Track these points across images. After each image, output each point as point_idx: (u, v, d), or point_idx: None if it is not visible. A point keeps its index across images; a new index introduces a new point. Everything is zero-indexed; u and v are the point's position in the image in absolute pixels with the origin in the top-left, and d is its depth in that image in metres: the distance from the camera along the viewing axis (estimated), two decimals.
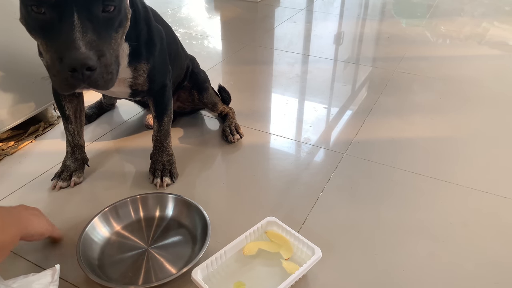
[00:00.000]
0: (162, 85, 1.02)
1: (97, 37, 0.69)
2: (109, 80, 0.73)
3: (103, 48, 0.69)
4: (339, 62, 1.83)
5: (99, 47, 0.69)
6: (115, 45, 0.74)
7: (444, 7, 2.55)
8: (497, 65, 1.78)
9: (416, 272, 0.84)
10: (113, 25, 0.73)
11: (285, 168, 1.15)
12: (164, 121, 1.07)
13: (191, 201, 0.96)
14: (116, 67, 0.75)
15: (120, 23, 0.75)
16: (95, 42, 0.68)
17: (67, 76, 0.68)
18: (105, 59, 0.70)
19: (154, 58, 0.96)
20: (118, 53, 0.76)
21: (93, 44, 0.68)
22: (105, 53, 0.70)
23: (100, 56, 0.69)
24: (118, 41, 0.76)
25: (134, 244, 0.89)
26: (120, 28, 0.75)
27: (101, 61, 0.69)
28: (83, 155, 1.09)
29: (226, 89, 1.40)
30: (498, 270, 0.85)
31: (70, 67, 0.66)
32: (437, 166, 1.15)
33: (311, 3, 2.63)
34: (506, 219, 0.98)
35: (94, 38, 0.68)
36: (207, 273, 0.80)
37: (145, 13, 0.93)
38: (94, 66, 0.67)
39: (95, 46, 0.68)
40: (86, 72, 0.68)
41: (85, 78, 0.68)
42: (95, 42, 0.68)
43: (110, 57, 0.72)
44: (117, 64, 0.76)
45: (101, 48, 0.69)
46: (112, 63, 0.72)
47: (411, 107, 1.45)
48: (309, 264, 0.78)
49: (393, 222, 0.97)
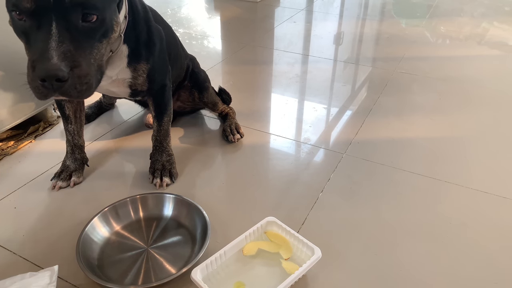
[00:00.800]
0: (161, 85, 1.02)
1: (74, 47, 0.68)
2: (84, 90, 0.71)
3: (78, 59, 0.68)
4: (339, 62, 1.83)
5: (74, 58, 0.68)
6: (97, 55, 0.73)
7: (444, 7, 2.55)
8: (497, 65, 1.78)
9: (416, 272, 0.84)
10: (94, 35, 0.71)
11: (285, 168, 1.14)
12: (163, 121, 1.07)
13: (190, 201, 0.96)
14: (98, 76, 0.74)
15: (105, 33, 0.73)
16: (70, 52, 0.67)
17: (38, 85, 0.68)
18: (79, 70, 0.69)
19: (154, 58, 0.96)
20: (102, 62, 0.76)
21: (67, 54, 0.67)
22: (81, 64, 0.69)
23: (73, 67, 0.68)
24: (102, 51, 0.75)
25: (133, 244, 0.89)
26: (105, 38, 0.74)
27: (74, 72, 0.68)
28: (83, 155, 1.09)
29: (226, 90, 1.40)
30: (498, 270, 0.85)
31: (40, 77, 0.66)
32: (437, 166, 1.15)
33: (311, 3, 2.63)
34: (506, 219, 0.98)
35: (70, 48, 0.67)
36: (206, 273, 0.80)
37: (144, 14, 0.93)
38: (64, 78, 0.67)
39: (69, 56, 0.67)
40: (56, 83, 0.67)
41: (55, 88, 0.68)
42: (70, 52, 0.67)
43: (87, 67, 0.70)
44: (100, 73, 0.75)
45: (76, 59, 0.68)
46: (88, 73, 0.71)
47: (411, 107, 1.45)
48: (308, 264, 0.78)
49: (393, 222, 0.97)
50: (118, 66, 0.91)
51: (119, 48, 0.87)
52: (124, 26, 0.86)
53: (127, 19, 0.87)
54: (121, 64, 0.91)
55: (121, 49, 0.89)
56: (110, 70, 0.91)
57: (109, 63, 0.90)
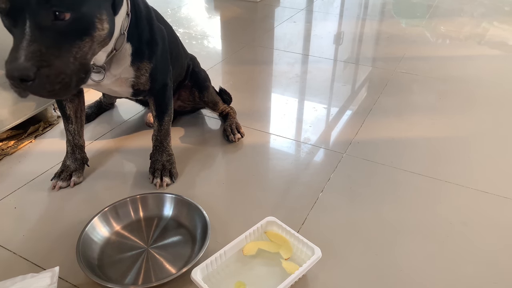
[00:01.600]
0: (163, 84, 1.02)
1: (46, 47, 0.67)
2: (58, 90, 0.70)
3: (49, 58, 0.67)
4: (339, 62, 1.83)
5: (43, 58, 0.67)
6: (78, 53, 0.72)
7: (444, 7, 2.55)
8: (497, 65, 1.78)
9: (416, 272, 0.84)
10: (73, 34, 0.70)
11: (285, 168, 1.14)
12: (164, 120, 1.07)
13: (191, 201, 0.96)
14: (80, 75, 0.73)
15: (85, 31, 0.71)
16: (40, 52, 0.66)
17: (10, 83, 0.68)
18: (49, 69, 0.67)
19: (156, 57, 0.96)
20: (85, 61, 0.74)
21: (36, 54, 0.66)
22: (53, 63, 0.68)
23: (41, 66, 0.67)
24: (85, 49, 0.73)
25: (133, 244, 0.89)
26: (87, 36, 0.72)
27: (42, 72, 0.67)
28: (83, 155, 1.09)
29: (227, 90, 1.41)
30: (497, 270, 0.85)
31: (7, 76, 0.67)
32: (437, 166, 1.15)
33: (311, 3, 2.63)
34: (506, 219, 0.98)
35: (41, 48, 0.66)
36: (207, 273, 0.80)
37: (147, 13, 0.93)
38: (29, 78, 0.66)
39: (37, 56, 0.66)
40: (23, 82, 0.67)
41: (24, 88, 0.68)
42: (40, 52, 0.66)
43: (61, 67, 0.69)
44: (83, 72, 0.74)
45: (47, 58, 0.67)
46: (61, 72, 0.69)
47: (411, 107, 1.45)
48: (308, 264, 0.78)
49: (393, 222, 0.97)
50: (122, 64, 0.91)
51: (122, 46, 0.87)
52: (127, 24, 0.86)
53: (130, 17, 0.86)
54: (125, 63, 0.91)
55: (125, 47, 0.89)
56: (115, 69, 0.91)
57: (113, 62, 0.89)
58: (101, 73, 0.89)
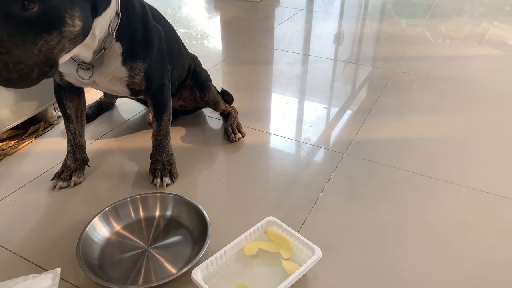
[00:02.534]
0: (160, 84, 1.02)
1: (8, 34, 0.66)
2: (15, 78, 0.69)
3: (10, 46, 0.66)
4: (339, 62, 1.83)
5: (3, 45, 0.66)
6: (44, 46, 0.70)
7: (444, 7, 2.55)
8: (497, 64, 1.78)
9: (416, 272, 0.84)
10: (39, 26, 0.69)
11: (285, 168, 1.15)
12: (163, 120, 1.07)
13: (191, 201, 0.96)
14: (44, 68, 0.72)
15: (53, 24, 0.70)
16: (1, 39, 0.65)
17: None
18: (8, 57, 0.67)
19: (151, 58, 0.95)
20: (52, 55, 0.73)
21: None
22: (12, 52, 0.67)
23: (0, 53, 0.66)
24: (52, 43, 0.71)
25: (134, 244, 0.89)
26: (54, 30, 0.71)
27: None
28: (84, 155, 1.09)
29: (228, 91, 1.41)
30: (498, 270, 0.85)
31: None
32: (437, 166, 1.15)
33: (311, 3, 2.63)
34: (506, 219, 0.98)
35: (3, 35, 0.65)
36: (207, 273, 0.80)
37: (142, 12, 0.93)
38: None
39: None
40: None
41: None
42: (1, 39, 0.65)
43: (21, 56, 0.68)
44: (48, 66, 0.73)
45: (7, 46, 0.66)
46: (21, 62, 0.68)
47: (411, 107, 1.45)
48: (309, 264, 0.78)
49: (393, 221, 0.97)
50: (113, 64, 0.91)
51: (111, 45, 0.87)
52: (116, 24, 0.85)
53: (120, 16, 0.85)
54: (116, 62, 0.91)
55: (114, 47, 0.88)
56: (106, 68, 0.91)
57: (104, 61, 0.89)
58: (90, 70, 0.89)
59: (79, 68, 0.89)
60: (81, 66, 0.88)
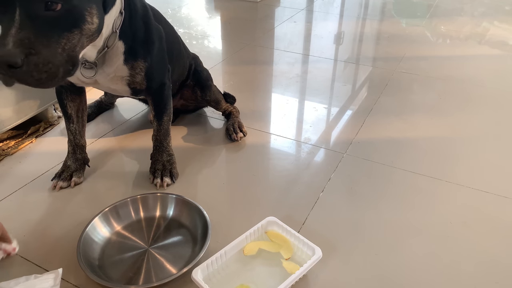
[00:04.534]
0: (160, 84, 1.02)
1: (35, 35, 0.67)
2: (44, 79, 0.70)
3: (38, 46, 0.67)
4: (339, 62, 1.83)
5: (32, 45, 0.67)
6: (67, 45, 0.72)
7: (444, 7, 2.55)
8: (498, 64, 1.78)
9: (416, 272, 0.84)
10: (63, 25, 0.70)
11: (285, 168, 1.15)
12: (163, 120, 1.07)
13: (191, 201, 0.96)
14: (67, 67, 0.73)
15: (74, 23, 0.71)
16: (28, 40, 0.66)
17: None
18: (37, 57, 0.68)
19: (152, 57, 0.95)
20: (74, 53, 0.74)
21: (24, 41, 0.66)
22: (40, 51, 0.68)
23: (29, 54, 0.67)
24: (74, 41, 0.73)
25: (134, 244, 0.89)
26: (76, 28, 0.72)
27: (30, 59, 0.67)
28: (84, 155, 1.09)
29: (230, 94, 1.41)
30: (498, 270, 0.85)
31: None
32: (437, 166, 1.15)
33: (311, 3, 2.63)
34: (506, 219, 0.98)
35: (30, 35, 0.66)
36: (207, 273, 0.80)
37: (144, 12, 0.93)
38: (16, 64, 0.66)
39: (26, 44, 0.66)
40: (10, 69, 0.66)
41: (10, 74, 0.67)
42: (28, 40, 0.66)
43: (49, 56, 0.69)
44: (71, 64, 0.74)
45: (35, 46, 0.67)
46: (49, 62, 0.69)
47: (411, 107, 1.45)
48: (309, 264, 0.78)
49: (393, 221, 0.97)
50: (115, 62, 0.91)
51: (114, 44, 0.87)
52: (119, 22, 0.86)
53: (123, 15, 0.86)
54: (118, 61, 0.91)
55: (117, 45, 0.88)
56: (108, 67, 0.91)
57: (106, 59, 0.90)
58: (93, 69, 0.89)
59: (82, 67, 0.89)
60: (84, 65, 0.89)
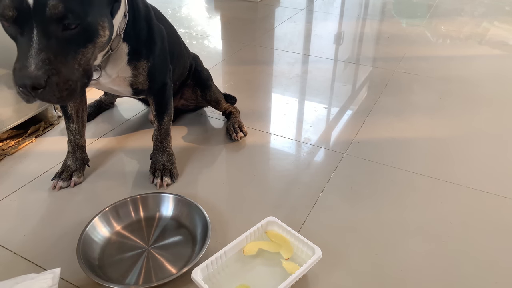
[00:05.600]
0: (162, 83, 1.03)
1: (54, 55, 0.69)
2: (65, 96, 0.73)
3: (58, 66, 0.70)
4: (339, 62, 1.83)
5: (53, 66, 0.69)
6: (82, 60, 0.74)
7: (444, 7, 2.55)
8: (498, 65, 1.78)
9: (416, 272, 0.84)
10: (78, 41, 0.72)
11: (285, 168, 1.15)
12: (164, 120, 1.07)
13: (191, 201, 0.96)
14: (84, 80, 0.76)
15: (89, 38, 0.74)
16: (49, 60, 0.68)
17: (18, 90, 0.70)
18: (58, 77, 0.70)
19: (154, 57, 0.96)
20: (88, 66, 0.76)
21: (45, 62, 0.68)
22: (60, 71, 0.70)
23: (51, 74, 0.69)
24: (88, 55, 0.75)
25: (134, 244, 0.89)
26: (90, 43, 0.74)
27: (52, 79, 0.69)
28: (84, 155, 1.09)
29: (231, 95, 1.41)
30: (498, 270, 0.85)
31: (17, 84, 0.69)
32: (437, 166, 1.15)
33: (311, 3, 2.63)
34: (506, 219, 0.98)
35: (50, 56, 0.68)
36: (207, 273, 0.80)
37: (146, 12, 0.94)
38: (40, 86, 0.68)
39: (47, 64, 0.68)
40: (33, 90, 0.69)
41: (33, 95, 0.70)
42: (49, 60, 0.68)
43: (68, 74, 0.72)
44: (86, 77, 0.77)
45: (56, 66, 0.69)
46: (69, 79, 0.72)
47: (411, 107, 1.45)
48: (309, 264, 0.78)
49: (393, 221, 0.97)
50: (119, 64, 0.91)
51: (118, 46, 0.87)
52: (124, 25, 0.86)
53: (127, 17, 0.87)
54: (122, 62, 0.92)
55: (121, 47, 0.89)
56: (111, 68, 0.91)
57: (110, 61, 0.90)
58: (97, 72, 0.90)
59: None
60: None
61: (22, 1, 0.66)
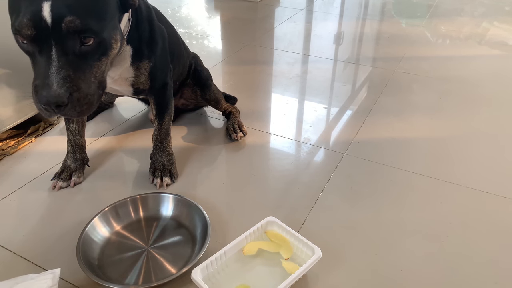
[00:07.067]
0: (163, 83, 1.03)
1: (73, 71, 0.70)
2: (85, 110, 0.75)
3: (78, 82, 0.71)
4: (339, 62, 1.83)
5: (73, 82, 0.70)
6: (97, 73, 0.76)
7: (444, 7, 2.55)
8: (498, 65, 1.78)
9: (416, 272, 0.84)
10: (94, 56, 0.74)
11: (285, 168, 1.15)
12: (164, 120, 1.07)
13: (191, 201, 0.96)
14: (99, 92, 0.78)
15: (104, 52, 0.75)
16: (70, 77, 0.70)
17: (41, 108, 0.72)
18: (78, 93, 0.72)
19: (156, 57, 0.96)
20: (103, 78, 0.78)
21: (67, 80, 0.69)
22: (80, 87, 0.72)
23: (73, 91, 0.70)
24: (103, 68, 0.77)
25: (134, 244, 0.89)
26: (104, 56, 0.76)
27: (73, 96, 0.71)
28: (84, 155, 1.09)
29: (232, 95, 1.41)
30: (498, 270, 0.85)
31: (42, 103, 0.70)
32: (437, 166, 1.15)
33: (311, 3, 2.63)
34: (506, 219, 0.98)
35: (70, 73, 0.70)
36: (207, 273, 0.80)
37: (148, 13, 0.94)
38: (63, 103, 0.70)
39: (69, 81, 0.70)
40: (56, 108, 0.71)
41: (56, 112, 0.72)
42: (70, 77, 0.70)
43: (87, 88, 0.73)
44: (101, 88, 0.78)
45: (76, 83, 0.71)
46: (88, 94, 0.74)
47: (411, 107, 1.45)
48: (309, 264, 0.78)
49: (393, 222, 0.97)
50: (122, 65, 0.92)
51: (123, 49, 0.88)
52: (127, 28, 0.87)
53: (131, 21, 0.88)
54: (125, 64, 0.92)
55: (125, 50, 0.90)
56: (114, 70, 0.92)
57: (113, 64, 0.90)
58: None
59: None
60: None
61: (41, 20, 0.66)
